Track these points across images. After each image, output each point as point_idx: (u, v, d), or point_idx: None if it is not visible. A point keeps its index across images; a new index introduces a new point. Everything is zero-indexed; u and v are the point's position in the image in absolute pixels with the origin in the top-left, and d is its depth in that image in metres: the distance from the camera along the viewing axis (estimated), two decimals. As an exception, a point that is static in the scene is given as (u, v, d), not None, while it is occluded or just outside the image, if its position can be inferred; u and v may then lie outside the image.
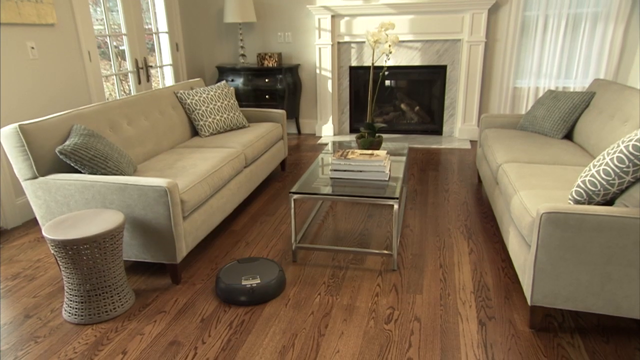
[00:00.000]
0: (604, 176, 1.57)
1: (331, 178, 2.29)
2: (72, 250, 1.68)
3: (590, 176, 1.62)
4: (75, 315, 1.78)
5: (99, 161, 1.98)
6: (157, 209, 1.91)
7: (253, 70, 4.55)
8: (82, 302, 1.77)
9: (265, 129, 3.23)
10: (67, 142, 1.96)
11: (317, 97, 4.78)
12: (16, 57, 2.69)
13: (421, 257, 2.23)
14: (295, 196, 2.13)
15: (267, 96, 4.61)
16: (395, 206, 2.02)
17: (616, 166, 1.54)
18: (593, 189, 1.60)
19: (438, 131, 4.69)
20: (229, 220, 2.72)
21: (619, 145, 1.57)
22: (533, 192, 1.87)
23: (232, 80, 4.64)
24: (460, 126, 4.48)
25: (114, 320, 1.80)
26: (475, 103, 4.39)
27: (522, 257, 1.73)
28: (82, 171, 1.99)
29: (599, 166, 1.61)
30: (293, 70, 4.63)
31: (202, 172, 2.27)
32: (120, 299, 1.84)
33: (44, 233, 1.69)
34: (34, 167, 1.98)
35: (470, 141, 4.41)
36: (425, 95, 4.68)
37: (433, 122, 4.70)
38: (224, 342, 1.65)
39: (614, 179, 1.55)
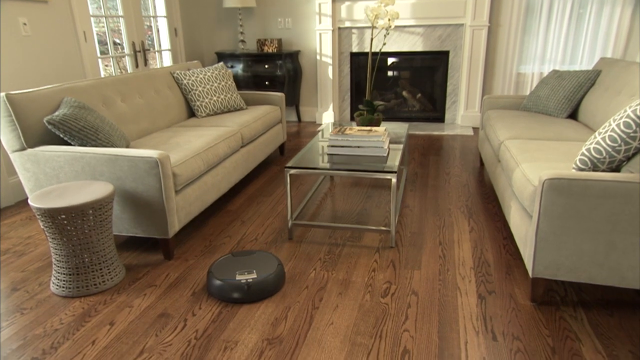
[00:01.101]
0: (609, 142, 1.51)
1: (328, 154, 2.24)
2: (58, 219, 1.63)
3: (595, 143, 1.55)
4: (63, 287, 1.73)
5: (89, 132, 1.93)
6: (148, 181, 1.86)
7: (253, 56, 4.49)
8: (70, 275, 1.72)
9: (263, 111, 3.18)
10: (56, 113, 1.92)
11: (317, 84, 4.72)
12: (8, 32, 2.65)
13: (420, 235, 2.17)
14: (292, 171, 2.07)
15: (266, 82, 4.55)
16: (394, 180, 1.96)
17: (622, 131, 1.47)
18: (598, 156, 1.53)
19: (440, 118, 4.62)
20: (224, 201, 2.67)
21: (625, 111, 1.51)
22: (535, 164, 1.80)
23: (232, 67, 4.58)
24: (462, 113, 4.41)
25: (103, 293, 1.75)
26: (478, 89, 4.32)
27: (523, 230, 1.67)
28: (72, 143, 1.94)
29: (604, 133, 1.54)
30: (293, 57, 4.57)
31: (196, 148, 2.22)
32: (109, 272, 1.80)
33: (30, 202, 1.65)
34: (22, 138, 1.93)
35: (473, 128, 4.34)
36: (427, 83, 4.60)
37: (435, 110, 4.63)
38: (215, 314, 1.60)
39: (620, 145, 1.49)
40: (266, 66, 4.50)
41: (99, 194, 1.72)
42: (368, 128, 2.32)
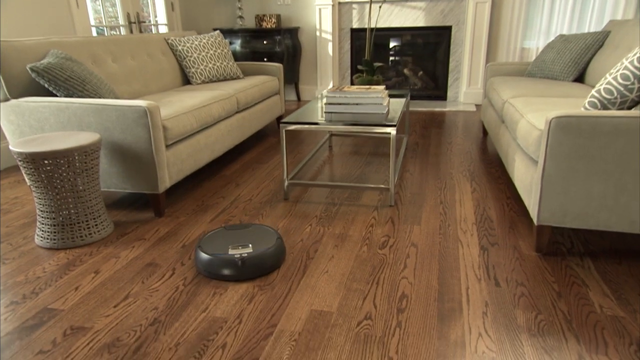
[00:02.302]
0: (621, 81, 1.42)
1: (326, 112, 2.16)
2: (42, 166, 1.56)
3: (606, 84, 1.47)
4: (48, 239, 1.67)
5: (75, 83, 1.85)
6: (137, 132, 1.79)
7: (251, 32, 4.40)
8: (54, 226, 1.65)
9: (260, 80, 3.10)
10: (41, 61, 1.84)
11: (317, 62, 4.63)
12: (-2, -5, 2.57)
13: (420, 196, 2.09)
14: (288, 127, 2.00)
15: (265, 59, 4.47)
16: (393, 132, 1.88)
17: (636, 68, 1.39)
18: (609, 96, 1.45)
19: (442, 96, 4.53)
20: (219, 167, 2.60)
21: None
22: (540, 114, 1.72)
23: (231, 43, 4.50)
24: (465, 89, 4.32)
25: (89, 246, 1.69)
26: (481, 65, 4.23)
27: (528, 179, 1.59)
28: (57, 94, 1.87)
29: (615, 73, 1.46)
30: (292, 33, 4.48)
31: (189, 106, 2.15)
32: (96, 225, 1.73)
33: (11, 147, 1.58)
34: (5, 88, 1.86)
35: (476, 105, 4.25)
36: (429, 60, 4.51)
37: (437, 88, 4.54)
38: (205, 264, 1.54)
39: (632, 83, 1.40)
40: (265, 42, 4.41)
41: (85, 141, 1.65)
42: (367, 86, 2.24)
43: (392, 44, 4.54)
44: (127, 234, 1.77)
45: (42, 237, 1.68)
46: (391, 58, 4.56)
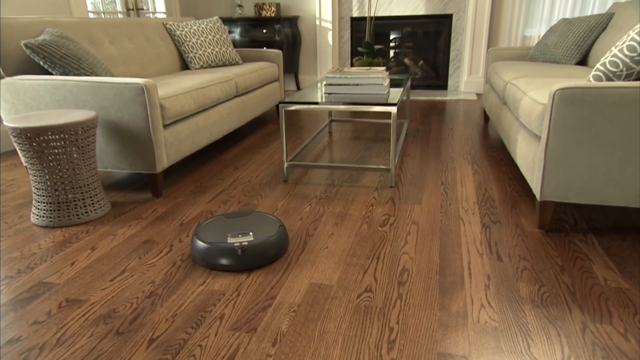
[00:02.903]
0: (627, 53, 1.40)
1: (326, 93, 2.14)
2: (36, 142, 1.54)
3: (612, 56, 1.45)
4: (44, 217, 1.64)
5: (71, 61, 1.83)
6: (134, 110, 1.76)
7: (250, 21, 4.36)
8: (50, 204, 1.63)
9: (259, 66, 3.07)
10: (37, 38, 1.82)
11: (317, 51, 4.60)
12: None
13: (421, 178, 2.07)
14: (287, 107, 1.97)
15: (264, 48, 4.44)
16: (394, 111, 1.86)
17: (640, 39, 1.37)
18: (614, 69, 1.43)
19: (443, 86, 4.50)
20: (218, 151, 2.58)
21: (643, 21, 1.40)
22: (543, 90, 1.70)
23: (230, 32, 4.46)
24: (466, 79, 4.29)
25: (86, 224, 1.67)
26: (482, 54, 4.19)
27: (530, 155, 1.57)
28: (53, 72, 1.84)
29: (621, 45, 1.43)
30: (292, 22, 4.45)
31: (187, 87, 2.12)
32: (93, 204, 1.70)
33: (5, 123, 1.55)
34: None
35: (477, 94, 4.22)
36: (430, 49, 4.48)
37: (437, 77, 4.51)
38: (203, 241, 1.52)
39: (639, 55, 1.38)
40: (264, 31, 4.38)
41: (81, 117, 1.63)
42: (367, 67, 2.21)
43: (392, 35, 4.51)
44: (124, 214, 1.75)
45: (37, 215, 1.66)
46: (391, 46, 4.53)
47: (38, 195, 1.64)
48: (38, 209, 1.65)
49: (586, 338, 1.01)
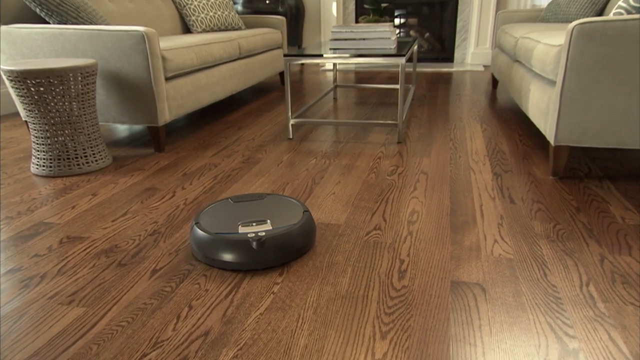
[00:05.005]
0: (648, -12, 1.34)
1: (331, 49, 2.08)
2: (33, 86, 1.49)
3: (631, -6, 1.38)
4: (44, 167, 1.61)
5: (69, 9, 1.77)
6: (135, 60, 1.71)
7: (253, -9, 4.27)
8: (50, 152, 1.59)
9: (263, 30, 3.00)
10: (34, -15, 1.76)
11: (320, 23, 4.51)
12: None
13: (429, 135, 2.02)
14: (292, 60, 1.92)
15: (267, 20, 4.35)
16: (402, 62, 1.80)
17: (664, -27, 1.30)
18: (637, 4, 1.37)
19: (449, 58, 4.41)
20: (221, 114, 2.53)
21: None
22: (558, 36, 1.63)
23: (234, 3, 4.37)
24: (472, 50, 4.20)
25: (87, 174, 1.63)
26: (490, 24, 4.10)
27: (544, 101, 1.52)
28: (50, 21, 1.79)
29: (641, -19, 1.37)
30: (295, -8, 4.35)
31: (189, 42, 2.06)
32: (94, 155, 1.67)
33: (2, 67, 1.51)
34: (-1, 14, 1.78)
35: (484, 66, 4.14)
36: (436, 21, 4.38)
37: (443, 50, 4.42)
38: (206, 188, 1.48)
39: (660, -10, 1.32)
40: (267, 2, 4.28)
41: (81, 63, 1.58)
42: (374, 23, 2.15)
43: (397, 9, 4.41)
44: (126, 165, 1.71)
45: (37, 164, 1.62)
46: (396, 16, 4.43)
47: (37, 144, 1.60)
48: (38, 158, 1.62)
49: (605, 267, 0.97)
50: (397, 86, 2.98)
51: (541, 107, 1.55)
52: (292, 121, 2.02)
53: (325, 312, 0.86)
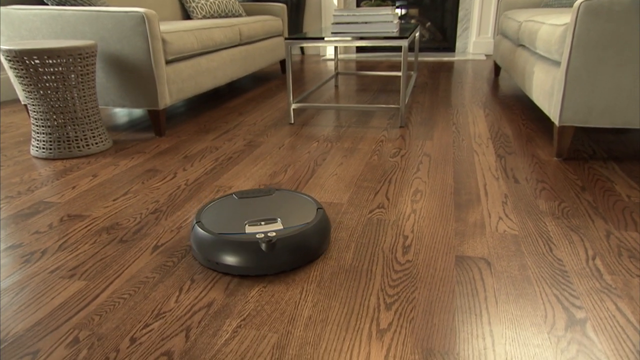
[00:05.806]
0: (655, -35, 1.31)
1: (333, 32, 2.06)
2: (33, 66, 1.48)
3: (638, -28, 1.36)
4: (44, 149, 1.60)
5: (69, -10, 1.75)
6: (135, 42, 1.69)
7: (253, -20, 4.24)
8: (50, 134, 1.58)
9: (263, 17, 2.97)
10: (32, -34, 1.74)
11: (321, 13, 4.47)
12: None
13: (431, 120, 2.01)
14: (293, 43, 1.90)
15: (268, 9, 4.32)
16: (405, 44, 1.78)
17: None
18: (641, -17, 1.34)
19: (451, 48, 4.38)
20: (222, 101, 2.51)
21: None
22: (563, 17, 1.62)
23: (231, -7, 4.34)
24: (474, 39, 4.17)
25: (87, 157, 1.62)
26: (492, 13, 4.06)
27: (549, 82, 1.50)
28: (49, 2, 1.77)
29: (649, -41, 1.35)
30: (296, -19, 4.31)
31: (190, 26, 2.04)
32: (94, 137, 1.65)
33: (0, 46, 1.49)
34: (-3, -4, 1.77)
35: (486, 55, 4.11)
36: (437, 10, 4.35)
37: (445, 39, 4.39)
38: (208, 169, 1.47)
39: (668, -33, 1.30)
40: (267, -9, 4.25)
41: (80, 43, 1.56)
42: (376, 7, 2.13)
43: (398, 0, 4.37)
44: (126, 149, 1.70)
45: (37, 147, 1.61)
46: (397, 6, 4.39)
47: (37, 126, 1.59)
48: (37, 140, 1.60)
49: (611, 242, 0.96)
50: (399, 73, 2.96)
51: (545, 88, 1.53)
52: (293, 105, 2.00)
53: (329, 285, 0.85)
